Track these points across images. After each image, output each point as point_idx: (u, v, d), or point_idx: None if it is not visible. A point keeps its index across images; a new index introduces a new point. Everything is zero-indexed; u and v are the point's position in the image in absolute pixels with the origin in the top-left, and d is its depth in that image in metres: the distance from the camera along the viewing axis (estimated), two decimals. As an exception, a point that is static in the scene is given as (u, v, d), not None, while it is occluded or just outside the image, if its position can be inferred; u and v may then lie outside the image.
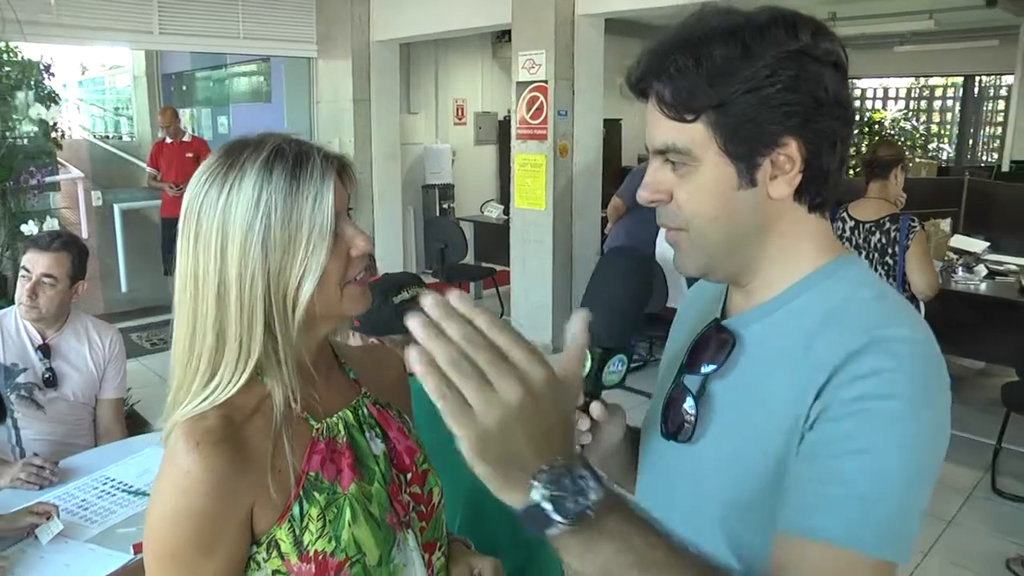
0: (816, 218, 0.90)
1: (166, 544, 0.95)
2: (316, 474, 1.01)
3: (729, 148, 0.85)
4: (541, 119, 5.81)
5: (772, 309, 0.90)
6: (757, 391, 0.88)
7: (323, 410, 1.06)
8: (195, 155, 6.52)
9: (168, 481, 0.95)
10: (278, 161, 0.96)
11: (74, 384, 2.56)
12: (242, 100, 9.33)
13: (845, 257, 0.92)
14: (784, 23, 0.84)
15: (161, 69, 10.76)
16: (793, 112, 0.83)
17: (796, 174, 0.85)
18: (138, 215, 7.76)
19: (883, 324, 0.82)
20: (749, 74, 0.82)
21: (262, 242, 0.94)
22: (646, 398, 4.06)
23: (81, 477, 2.20)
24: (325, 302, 0.98)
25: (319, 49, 7.53)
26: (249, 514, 0.97)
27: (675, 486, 0.97)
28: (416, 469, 1.14)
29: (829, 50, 0.85)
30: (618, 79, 9.79)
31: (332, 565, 0.99)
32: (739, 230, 0.88)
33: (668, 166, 0.88)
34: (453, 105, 9.08)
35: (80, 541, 1.88)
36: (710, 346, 0.94)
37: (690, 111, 0.85)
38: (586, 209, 6.09)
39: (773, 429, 0.84)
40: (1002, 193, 6.01)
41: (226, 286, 0.96)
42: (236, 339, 0.96)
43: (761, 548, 0.86)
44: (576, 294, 6.06)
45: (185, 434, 0.94)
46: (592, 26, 5.85)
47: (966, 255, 4.75)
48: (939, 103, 12.38)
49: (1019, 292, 4.16)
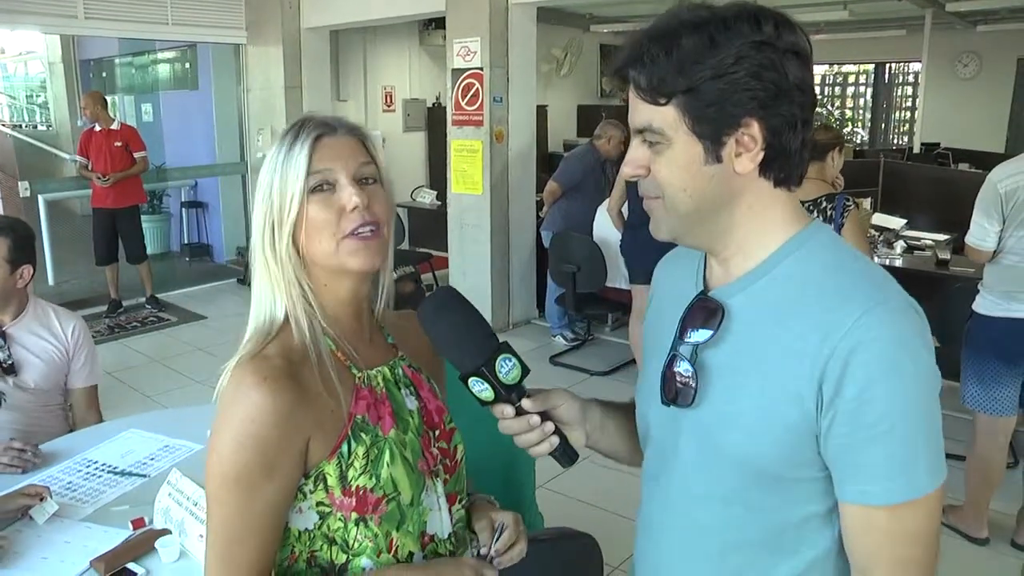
0: (782, 192, 1.00)
1: (233, 467, 1.05)
2: (363, 417, 1.14)
3: (696, 128, 0.95)
4: (477, 105, 5.91)
5: (753, 279, 1.00)
6: (754, 356, 0.97)
7: (364, 364, 1.18)
8: (124, 143, 6.37)
9: (235, 411, 1.06)
10: (290, 131, 1.15)
11: (35, 373, 2.54)
12: (167, 87, 9.12)
13: (816, 226, 1.03)
14: (748, 17, 0.93)
15: (79, 55, 10.41)
16: (755, 96, 0.93)
17: (759, 152, 0.95)
18: (63, 206, 7.57)
19: (864, 293, 0.93)
20: (715, 62, 0.92)
21: (268, 192, 1.13)
22: (586, 375, 4.35)
23: (63, 461, 2.23)
24: (323, 253, 1.12)
25: (248, 35, 7.46)
26: (306, 446, 1.09)
27: (679, 447, 1.07)
28: (444, 427, 1.27)
29: (792, 41, 0.94)
30: (544, 66, 9.97)
31: (371, 500, 1.12)
32: (707, 201, 0.98)
33: (646, 144, 0.99)
34: (382, 92, 9.10)
35: (75, 520, 1.92)
36: (700, 317, 1.03)
37: (662, 95, 0.95)
38: (522, 193, 6.22)
39: (776, 396, 0.94)
40: (916, 173, 6.39)
41: (255, 232, 1.14)
42: (267, 277, 1.14)
43: (766, 498, 0.99)
44: (513, 275, 6.21)
45: (252, 371, 1.07)
46: (525, 14, 5.97)
47: (886, 232, 5.06)
48: (852, 89, 12.96)
49: (935, 265, 4.47)
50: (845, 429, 0.91)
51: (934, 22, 8.11)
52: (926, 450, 0.91)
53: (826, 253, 0.99)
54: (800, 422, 0.93)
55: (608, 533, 2.11)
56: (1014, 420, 3.23)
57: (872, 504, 0.92)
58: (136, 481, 2.13)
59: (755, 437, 0.97)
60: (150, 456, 2.27)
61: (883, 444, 0.90)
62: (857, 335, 0.89)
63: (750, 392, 0.97)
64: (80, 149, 6.42)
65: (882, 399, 0.89)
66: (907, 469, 0.90)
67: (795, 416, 0.93)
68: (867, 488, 0.92)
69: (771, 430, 0.95)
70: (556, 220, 5.82)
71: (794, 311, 0.95)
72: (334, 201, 1.11)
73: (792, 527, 1.00)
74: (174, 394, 4.92)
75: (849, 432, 0.91)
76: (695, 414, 1.03)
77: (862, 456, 0.91)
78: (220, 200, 8.55)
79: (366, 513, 1.12)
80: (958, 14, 8.41)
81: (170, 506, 1.83)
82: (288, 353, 1.10)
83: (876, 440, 0.90)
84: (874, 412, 0.89)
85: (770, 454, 0.96)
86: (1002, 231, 3.00)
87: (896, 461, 0.90)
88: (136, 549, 1.76)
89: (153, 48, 8.99)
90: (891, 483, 0.91)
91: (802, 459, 0.95)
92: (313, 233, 1.11)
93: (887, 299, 0.92)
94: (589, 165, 5.81)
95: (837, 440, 0.92)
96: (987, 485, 3.24)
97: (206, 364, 5.38)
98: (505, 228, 6.14)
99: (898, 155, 8.04)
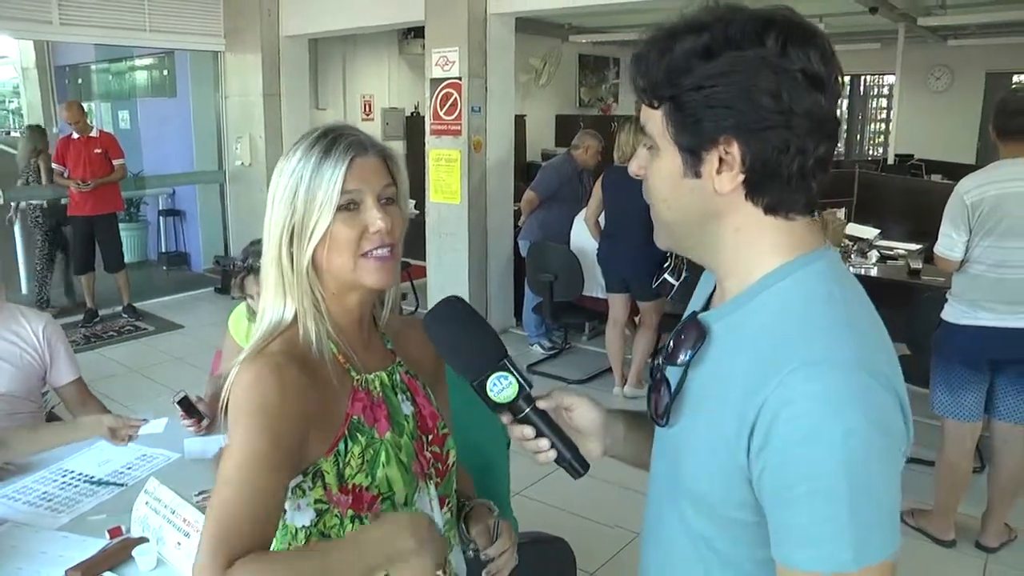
0: (774, 219, 0.92)
1: (248, 445, 1.07)
2: (359, 418, 1.18)
3: (678, 139, 0.90)
4: (455, 115, 5.94)
5: (737, 306, 0.95)
6: (718, 385, 0.92)
7: (363, 368, 1.22)
8: (104, 151, 6.34)
9: (249, 397, 1.09)
10: (319, 142, 1.16)
11: (7, 378, 2.48)
12: (145, 94, 9.08)
13: (814, 256, 0.93)
14: (754, 29, 0.85)
15: (54, 61, 10.33)
16: (733, 115, 0.86)
17: (738, 173, 0.88)
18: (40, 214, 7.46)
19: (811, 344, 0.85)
20: (701, 72, 0.86)
21: (291, 199, 1.15)
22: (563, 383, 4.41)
23: (38, 471, 2.22)
24: (341, 268, 1.16)
25: (227, 43, 7.45)
26: (306, 436, 1.12)
27: (658, 467, 1.08)
28: (437, 432, 1.31)
29: (799, 61, 0.85)
30: (523, 76, 10.02)
31: (367, 498, 1.16)
32: (685, 215, 0.94)
33: (644, 147, 0.97)
34: (361, 101, 9.12)
35: (51, 530, 1.91)
36: (690, 336, 0.98)
37: (653, 98, 0.92)
38: (500, 202, 6.26)
39: (718, 433, 0.90)
40: (889, 184, 6.51)
41: (271, 232, 1.17)
42: (279, 277, 1.17)
43: (719, 535, 0.95)
44: (491, 284, 6.24)
45: (263, 363, 1.11)
46: (504, 24, 6.02)
47: (859, 241, 5.12)
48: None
49: (907, 274, 4.54)
50: (771, 484, 0.85)
51: (907, 36, 8.26)
52: (852, 524, 0.81)
53: (801, 289, 0.91)
54: (733, 464, 0.88)
55: (583, 539, 2.14)
56: (980, 426, 3.30)
57: (796, 568, 0.84)
58: (113, 490, 2.12)
59: (702, 469, 0.94)
60: (127, 465, 2.27)
61: (803, 508, 0.82)
62: (791, 388, 0.82)
63: (704, 423, 0.93)
64: (56, 156, 6.37)
65: (803, 462, 0.81)
66: (829, 539, 0.82)
67: (726, 456, 0.89)
68: (791, 551, 0.84)
69: (714, 466, 0.91)
70: (533, 229, 5.85)
71: (751, 348, 0.89)
72: (359, 221, 1.15)
73: (742, 568, 0.95)
74: (151, 404, 4.87)
75: (773, 490, 0.85)
76: (669, 434, 1.01)
77: (786, 516, 0.84)
78: (198, 208, 8.51)
79: (362, 511, 1.17)
80: (930, 28, 8.58)
81: (147, 514, 1.83)
82: (292, 349, 1.15)
83: (796, 502, 0.83)
84: (795, 472, 0.82)
85: (711, 489, 0.93)
86: (969, 241, 3.07)
87: (816, 528, 0.82)
88: (113, 558, 1.76)
89: (131, 55, 8.95)
90: (812, 550, 0.83)
91: (737, 500, 0.90)
92: (334, 248, 1.15)
93: (838, 355, 0.84)
94: (566, 175, 5.85)
95: (766, 494, 0.86)
96: (955, 489, 3.30)
97: (183, 373, 5.35)
98: (483, 237, 6.16)
99: (873, 166, 8.16)
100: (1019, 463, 3.25)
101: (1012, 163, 3.02)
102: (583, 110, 11.31)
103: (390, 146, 1.23)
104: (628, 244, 4.75)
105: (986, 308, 3.06)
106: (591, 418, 1.15)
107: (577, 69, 11.41)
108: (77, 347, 5.88)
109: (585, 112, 11.14)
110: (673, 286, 4.64)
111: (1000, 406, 3.22)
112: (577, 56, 11.30)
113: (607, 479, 3.56)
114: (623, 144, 4.80)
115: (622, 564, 3.16)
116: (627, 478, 2.35)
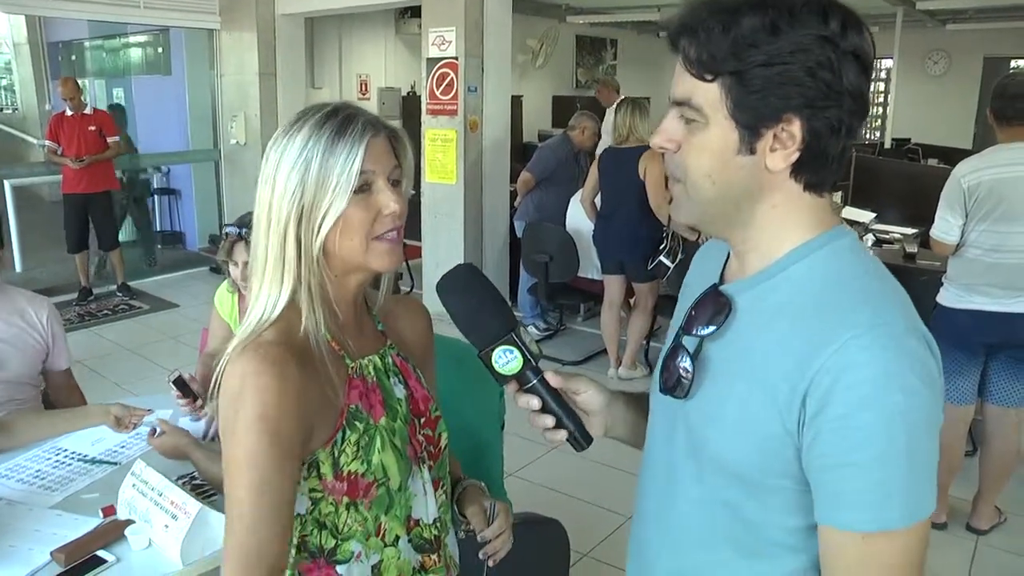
0: (810, 196, 0.95)
1: (250, 454, 1.05)
2: (356, 406, 1.16)
3: (737, 114, 0.90)
4: (451, 95, 5.91)
5: (762, 280, 0.96)
6: (746, 358, 0.94)
7: (356, 353, 1.20)
8: (98, 128, 6.29)
9: (247, 398, 1.06)
10: (330, 120, 1.11)
11: (15, 363, 2.47)
12: (139, 72, 9.01)
13: (837, 231, 0.96)
14: (817, 8, 0.87)
15: (47, 37, 10.25)
16: (803, 93, 0.88)
17: (794, 151, 0.90)
18: (31, 192, 7.46)
19: (865, 312, 0.88)
20: (771, 49, 0.87)
21: (301, 179, 1.10)
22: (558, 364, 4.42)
23: (31, 449, 2.21)
24: (351, 250, 1.12)
25: (222, 21, 7.38)
26: (311, 431, 1.11)
27: (672, 438, 1.05)
28: (430, 415, 1.30)
29: (856, 43, 0.88)
30: (520, 57, 9.97)
31: (362, 485, 1.15)
32: (730, 192, 0.94)
33: (682, 120, 0.94)
34: (357, 80, 9.07)
35: (44, 508, 1.91)
36: (708, 309, 0.99)
37: (709, 71, 0.90)
38: (496, 183, 6.23)
39: (760, 402, 0.91)
40: (886, 168, 6.52)
41: (272, 213, 1.12)
42: (277, 261, 1.12)
43: (744, 501, 0.96)
44: (487, 265, 6.22)
45: (259, 357, 1.07)
46: (501, 4, 5.97)
47: (856, 225, 5.12)
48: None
49: (903, 258, 4.54)
50: (824, 449, 0.87)
51: (905, 20, 8.23)
52: (904, 485, 0.86)
53: (835, 263, 0.94)
54: (779, 432, 0.90)
55: (576, 520, 2.15)
56: (973, 409, 3.31)
57: (844, 528, 0.88)
58: (107, 469, 2.12)
59: (735, 440, 0.94)
60: (121, 444, 2.27)
61: (859, 472, 0.86)
62: (849, 355, 0.85)
63: (737, 394, 0.94)
64: (49, 133, 6.33)
65: (864, 427, 0.84)
66: (881, 501, 0.86)
67: (775, 425, 0.90)
68: (839, 513, 0.88)
69: (750, 435, 0.93)
70: (529, 210, 5.84)
71: (791, 319, 0.92)
72: (372, 203, 1.12)
73: (768, 535, 0.97)
74: (145, 382, 4.89)
75: (827, 453, 0.87)
76: (688, 406, 1.01)
77: (838, 480, 0.87)
78: (193, 187, 8.47)
79: (357, 497, 1.15)
80: (928, 12, 8.54)
81: (134, 496, 1.82)
82: (288, 340, 1.11)
83: (852, 467, 0.86)
84: (853, 439, 0.85)
85: (747, 459, 0.94)
86: (965, 225, 3.06)
87: (870, 492, 0.86)
88: (105, 536, 1.76)
89: (125, 32, 8.88)
90: (863, 512, 0.87)
91: (778, 469, 0.92)
92: (346, 231, 1.11)
93: (888, 321, 0.87)
94: (563, 156, 5.83)
95: (816, 460, 0.88)
96: (947, 472, 3.31)
97: (178, 352, 5.35)
98: (478, 218, 6.14)
99: (870, 150, 8.15)
100: (1011, 446, 3.27)
101: (1010, 148, 3.01)
102: (580, 91, 11.25)
103: (399, 127, 1.20)
104: (624, 225, 4.75)
105: (981, 292, 3.07)
106: (597, 401, 1.16)
107: (574, 50, 11.34)
108: (71, 326, 5.89)
109: (582, 93, 11.08)
110: (669, 268, 4.64)
111: (993, 390, 3.23)
112: (574, 37, 11.23)
113: (601, 460, 3.59)
114: (620, 126, 4.78)
115: (616, 544, 3.17)
116: (621, 459, 2.36)
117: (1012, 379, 3.19)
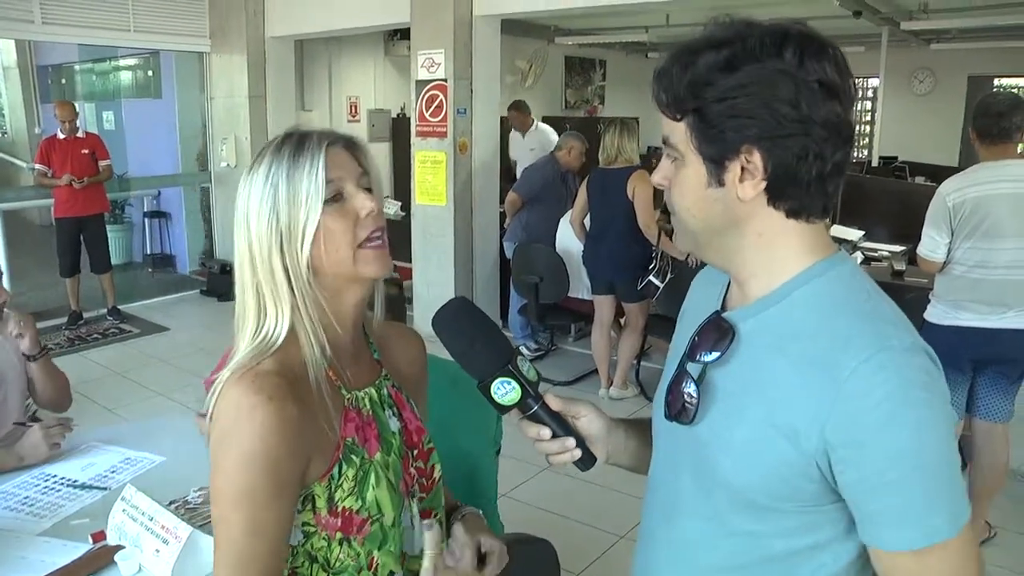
0: (796, 223, 0.97)
1: (242, 487, 1.04)
2: (352, 439, 1.15)
3: (702, 149, 0.94)
4: (441, 117, 5.94)
5: (765, 306, 0.98)
6: (754, 384, 0.96)
7: (352, 384, 1.19)
8: (91, 151, 6.29)
9: (241, 430, 1.04)
10: (286, 143, 1.13)
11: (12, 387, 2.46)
12: (130, 95, 9.02)
13: (838, 257, 0.99)
14: (772, 42, 0.90)
15: (37, 60, 10.26)
16: (757, 125, 0.90)
17: (760, 180, 0.93)
18: (21, 216, 7.44)
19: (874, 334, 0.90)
20: (725, 84, 0.90)
21: (273, 205, 1.10)
22: (549, 384, 4.39)
23: (19, 476, 2.20)
24: (339, 262, 1.12)
25: (212, 44, 7.42)
26: (307, 465, 1.09)
27: (677, 464, 1.07)
28: (423, 447, 1.28)
29: (816, 72, 0.90)
30: (509, 78, 10.02)
31: (356, 521, 1.13)
32: (711, 223, 0.98)
33: (670, 158, 1.00)
34: (347, 102, 9.10)
35: (32, 535, 1.89)
36: (711, 336, 1.01)
37: (676, 111, 0.95)
38: (486, 204, 6.26)
39: (772, 428, 0.92)
40: (873, 186, 6.57)
41: (253, 250, 1.12)
42: (271, 295, 1.11)
43: (754, 525, 0.98)
44: (477, 286, 6.24)
45: (254, 389, 1.05)
46: (489, 26, 6.02)
47: (844, 243, 5.16)
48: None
49: (891, 275, 4.56)
50: (856, 475, 0.89)
51: (890, 40, 8.33)
52: (943, 494, 0.88)
53: (840, 288, 0.96)
54: (794, 457, 0.91)
55: (568, 540, 2.15)
56: (961, 425, 3.32)
57: (894, 549, 0.89)
58: (96, 494, 2.11)
59: (745, 464, 0.96)
60: (111, 469, 2.25)
61: (896, 491, 0.87)
62: (863, 378, 0.87)
63: (747, 420, 0.96)
64: (40, 157, 6.31)
65: (890, 445, 0.86)
66: (925, 516, 0.88)
67: (789, 451, 0.91)
68: (885, 533, 0.89)
69: (761, 460, 0.94)
70: (517, 231, 5.86)
71: (801, 344, 0.93)
72: (348, 210, 1.12)
73: (779, 558, 0.98)
74: (135, 407, 4.87)
75: (860, 478, 0.88)
76: (694, 431, 1.02)
77: (876, 502, 0.89)
78: (183, 210, 8.46)
79: (351, 534, 1.14)
80: (913, 32, 8.65)
81: (124, 521, 1.80)
82: (286, 371, 1.10)
83: (888, 487, 0.87)
84: (883, 459, 0.87)
85: (757, 484, 0.95)
86: (951, 243, 3.09)
87: (911, 508, 0.88)
88: (94, 562, 1.74)
89: (115, 55, 8.90)
90: (910, 530, 0.88)
91: (791, 493, 0.94)
92: (331, 243, 1.11)
93: (896, 343, 0.90)
94: (549, 176, 5.85)
95: (850, 486, 0.90)
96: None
97: (168, 376, 5.33)
98: (468, 239, 6.16)
99: (857, 168, 8.21)
100: (999, 461, 3.28)
101: (994, 166, 3.05)
102: (569, 112, 11.32)
103: (356, 135, 1.21)
104: (613, 246, 4.76)
105: (967, 308, 3.09)
106: (597, 426, 1.17)
107: (563, 71, 11.42)
108: (61, 350, 5.86)
109: (571, 114, 11.14)
110: (658, 288, 4.65)
111: (981, 405, 3.25)
112: (563, 58, 11.30)
113: (592, 480, 3.58)
114: (608, 146, 4.81)
115: (607, 564, 3.16)
116: (611, 479, 2.36)
117: (999, 394, 3.20)
